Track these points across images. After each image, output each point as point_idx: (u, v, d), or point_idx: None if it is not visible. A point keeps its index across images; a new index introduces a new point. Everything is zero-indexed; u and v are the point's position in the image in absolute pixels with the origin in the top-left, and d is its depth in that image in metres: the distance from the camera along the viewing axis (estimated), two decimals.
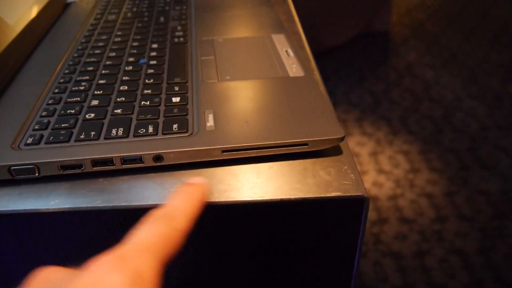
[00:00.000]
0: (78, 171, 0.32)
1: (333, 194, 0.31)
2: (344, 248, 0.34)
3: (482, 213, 1.33)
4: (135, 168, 0.33)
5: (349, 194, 0.31)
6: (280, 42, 0.49)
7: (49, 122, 0.36)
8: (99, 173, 0.33)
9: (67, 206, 0.30)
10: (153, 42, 0.50)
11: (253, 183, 0.32)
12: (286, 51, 0.47)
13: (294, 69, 0.43)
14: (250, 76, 0.42)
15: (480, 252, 1.21)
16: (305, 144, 0.33)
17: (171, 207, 0.25)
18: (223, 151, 0.33)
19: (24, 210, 0.30)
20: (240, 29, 0.53)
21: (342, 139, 0.34)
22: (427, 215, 1.33)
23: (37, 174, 0.32)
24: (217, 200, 0.31)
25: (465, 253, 1.21)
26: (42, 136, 0.34)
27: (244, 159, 0.34)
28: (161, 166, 0.33)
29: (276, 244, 0.34)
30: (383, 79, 2.05)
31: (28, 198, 0.31)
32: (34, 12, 0.52)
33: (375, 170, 1.49)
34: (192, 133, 0.34)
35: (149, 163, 0.33)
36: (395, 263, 1.20)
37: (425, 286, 1.14)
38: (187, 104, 0.38)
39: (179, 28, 0.53)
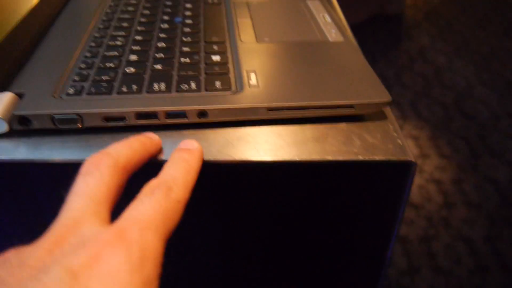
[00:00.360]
0: (121, 123, 0.32)
1: (381, 157, 0.30)
2: (385, 214, 0.34)
3: (490, 201, 1.33)
4: (178, 123, 0.32)
5: (397, 158, 0.30)
6: (316, 7, 0.48)
7: (88, 74, 0.35)
8: (142, 127, 0.32)
9: None
10: (186, 2, 0.48)
11: (299, 144, 0.31)
12: (323, 16, 0.46)
13: (333, 34, 0.42)
14: (289, 38, 0.41)
15: (487, 239, 1.22)
16: (352, 106, 0.33)
17: (169, 176, 0.24)
18: (268, 109, 0.32)
19: (68, 160, 0.30)
20: None
21: (388, 103, 0.33)
22: (435, 201, 1.33)
23: (80, 125, 0.31)
24: (262, 158, 0.30)
25: (471, 240, 1.21)
26: (83, 87, 0.33)
27: (288, 119, 0.33)
28: (204, 123, 0.32)
29: (317, 207, 0.34)
30: (395, 63, 2.03)
31: (70, 148, 0.31)
32: None
33: None
34: (235, 91, 0.34)
35: (193, 119, 0.32)
36: (401, 247, 1.20)
37: (430, 271, 1.15)
38: (227, 63, 0.37)
39: None
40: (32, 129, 0.31)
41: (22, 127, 0.31)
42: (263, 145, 0.31)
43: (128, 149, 0.25)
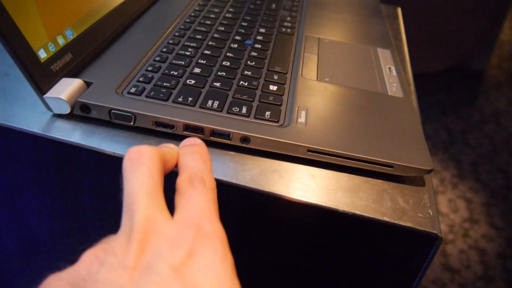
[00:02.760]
0: (169, 130, 0.34)
1: (408, 224, 0.30)
2: (401, 280, 0.33)
3: None
4: (220, 142, 0.34)
5: (423, 229, 0.30)
6: (385, 57, 0.48)
7: (153, 77, 0.37)
8: (187, 138, 0.34)
9: None
10: (261, 26, 0.50)
11: (329, 190, 0.32)
12: (389, 68, 0.46)
13: (394, 88, 0.42)
14: (349, 83, 0.42)
15: None
16: (391, 166, 0.33)
17: (194, 169, 0.25)
18: (308, 150, 0.33)
19: (113, 152, 0.32)
20: (347, 34, 0.53)
21: (429, 171, 0.33)
22: (474, 270, 1.27)
23: (132, 123, 0.34)
24: (290, 196, 0.31)
25: None
26: (144, 88, 0.36)
27: (326, 163, 0.34)
28: (245, 148, 0.34)
29: (335, 255, 0.34)
30: (465, 119, 1.96)
31: (119, 143, 0.33)
32: None
33: None
34: (282, 124, 0.35)
35: (236, 142, 0.33)
36: None
37: None
38: (283, 95, 0.38)
39: (288, 18, 0.54)
40: (89, 116, 0.34)
41: (82, 113, 0.34)
42: (295, 182, 0.32)
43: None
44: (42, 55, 0.34)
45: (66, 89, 0.34)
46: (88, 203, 0.36)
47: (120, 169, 0.33)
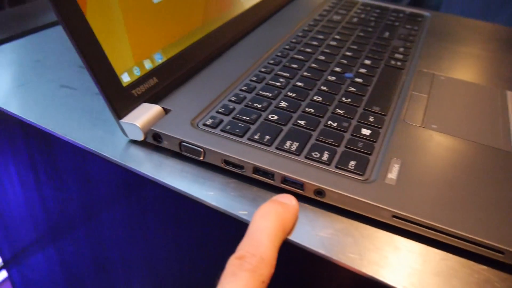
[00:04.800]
0: (237, 170, 0.31)
1: None
2: None
3: None
4: (291, 191, 0.30)
5: None
6: None
7: (234, 108, 0.35)
8: (256, 181, 0.31)
9: (214, 203, 0.29)
10: (367, 58, 0.45)
11: (413, 270, 0.26)
12: None
13: None
14: (462, 134, 0.35)
15: None
16: (501, 252, 0.26)
17: (256, 246, 0.23)
18: (394, 216, 0.27)
19: (180, 190, 0.30)
20: (469, 71, 0.45)
21: None
22: None
23: (201, 158, 0.31)
24: (362, 270, 0.26)
25: None
26: (221, 121, 0.33)
27: (415, 234, 0.28)
28: (320, 202, 0.29)
29: None
30: None
31: (185, 178, 0.31)
32: None
33: None
34: (367, 179, 0.29)
35: (309, 193, 0.29)
36: None
37: None
38: (375, 141, 0.33)
39: (401, 49, 0.48)
40: (161, 146, 0.33)
41: (154, 142, 0.33)
42: (370, 253, 0.27)
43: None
44: (125, 79, 0.34)
45: (143, 115, 0.33)
46: (151, 234, 0.35)
47: (183, 206, 0.31)
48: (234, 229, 0.29)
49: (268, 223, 0.24)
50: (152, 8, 0.37)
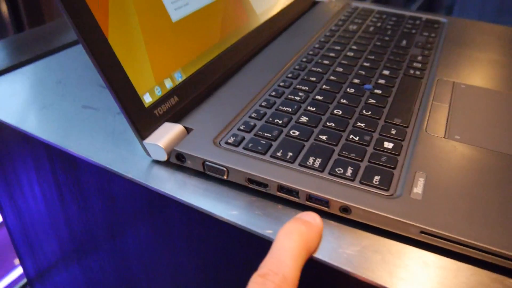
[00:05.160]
0: (262, 189, 0.31)
1: None
2: None
3: None
4: (317, 208, 0.30)
5: None
6: None
7: (255, 125, 0.35)
8: (281, 199, 0.31)
9: (240, 222, 0.29)
10: (385, 68, 0.45)
11: (443, 286, 0.25)
12: None
13: None
14: (488, 144, 0.34)
15: None
16: None
17: (279, 266, 0.22)
18: (421, 232, 0.27)
19: (204, 210, 0.30)
20: (490, 78, 0.44)
21: None
22: None
23: (225, 177, 0.32)
24: (388, 286, 0.25)
25: None
26: (243, 139, 0.33)
27: (443, 249, 0.27)
28: (346, 218, 0.29)
29: None
30: None
31: (209, 198, 0.31)
32: (281, 5, 0.53)
33: None
34: (392, 195, 0.29)
35: (334, 210, 0.29)
36: None
37: None
38: (398, 155, 0.33)
39: (419, 58, 0.47)
40: (184, 166, 0.33)
41: (177, 161, 0.33)
42: (400, 270, 0.26)
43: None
44: (147, 99, 0.34)
45: (166, 135, 0.33)
46: (177, 253, 0.35)
47: (208, 225, 0.31)
48: (259, 248, 0.29)
49: (291, 242, 0.24)
50: (171, 27, 0.37)
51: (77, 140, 0.36)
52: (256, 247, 0.30)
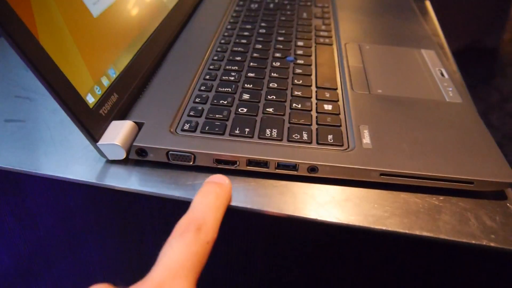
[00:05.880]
0: (230, 167, 0.32)
1: (500, 245, 0.28)
2: None
3: None
4: (286, 174, 0.32)
5: None
6: (431, 59, 0.46)
7: (203, 109, 0.36)
8: (250, 172, 0.32)
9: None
10: (298, 39, 0.48)
11: (409, 214, 0.30)
12: (440, 70, 0.44)
13: (450, 93, 0.40)
14: (403, 92, 0.40)
15: None
16: (471, 182, 0.31)
17: (199, 214, 0.24)
18: (381, 174, 0.31)
19: (177, 197, 0.30)
20: (386, 37, 0.50)
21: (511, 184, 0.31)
22: None
23: (191, 163, 0.32)
24: (370, 225, 0.29)
25: None
26: (197, 123, 0.34)
27: (398, 185, 0.32)
28: (313, 177, 0.32)
29: (414, 283, 0.32)
30: (484, 100, 1.92)
31: (179, 185, 0.31)
32: None
33: None
34: (347, 148, 0.33)
35: (303, 172, 0.32)
36: None
37: None
38: (339, 114, 0.36)
39: (323, 27, 0.52)
40: (144, 160, 0.32)
41: (138, 157, 0.32)
42: (372, 211, 0.30)
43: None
44: (90, 100, 0.33)
45: (119, 133, 0.32)
46: (152, 250, 0.34)
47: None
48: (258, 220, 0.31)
49: (207, 199, 0.26)
50: (94, 23, 0.36)
51: (17, 157, 0.33)
52: (233, 223, 0.31)
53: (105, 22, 0.37)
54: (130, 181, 0.32)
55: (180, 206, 0.31)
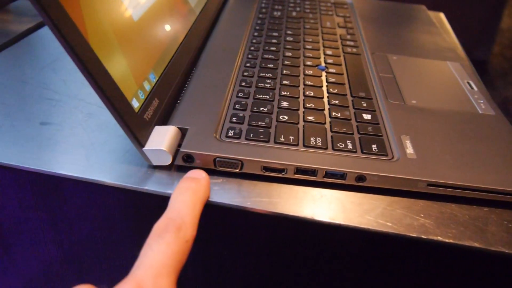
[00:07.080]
0: (278, 174, 0.32)
1: None
2: None
3: None
4: (334, 183, 0.32)
5: None
6: (458, 71, 0.47)
7: (244, 116, 0.35)
8: (298, 180, 0.32)
9: (263, 208, 0.30)
10: (325, 48, 0.49)
11: (456, 224, 0.30)
12: (468, 83, 0.44)
13: (482, 105, 0.41)
14: (437, 104, 0.40)
15: None
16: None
17: (176, 213, 0.25)
18: (428, 185, 0.31)
19: (227, 204, 0.30)
20: (411, 48, 0.51)
21: None
22: None
23: (238, 170, 0.32)
24: (421, 235, 0.29)
25: None
26: (241, 130, 0.34)
27: (444, 196, 0.32)
28: (360, 187, 0.32)
29: None
30: None
31: (227, 191, 0.31)
32: None
33: None
34: (392, 158, 0.33)
35: (350, 181, 0.32)
36: None
37: None
38: (379, 123, 0.37)
39: (348, 37, 0.52)
40: (190, 166, 0.32)
41: (184, 163, 0.32)
42: (418, 220, 0.30)
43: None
44: (135, 104, 0.32)
45: (164, 139, 0.32)
46: (190, 257, 0.34)
47: (235, 221, 0.31)
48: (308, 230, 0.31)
49: (184, 196, 0.27)
50: (135, 26, 0.36)
51: (55, 161, 0.32)
52: (301, 230, 0.31)
53: (144, 26, 0.37)
54: (174, 186, 0.31)
55: (226, 212, 0.31)
